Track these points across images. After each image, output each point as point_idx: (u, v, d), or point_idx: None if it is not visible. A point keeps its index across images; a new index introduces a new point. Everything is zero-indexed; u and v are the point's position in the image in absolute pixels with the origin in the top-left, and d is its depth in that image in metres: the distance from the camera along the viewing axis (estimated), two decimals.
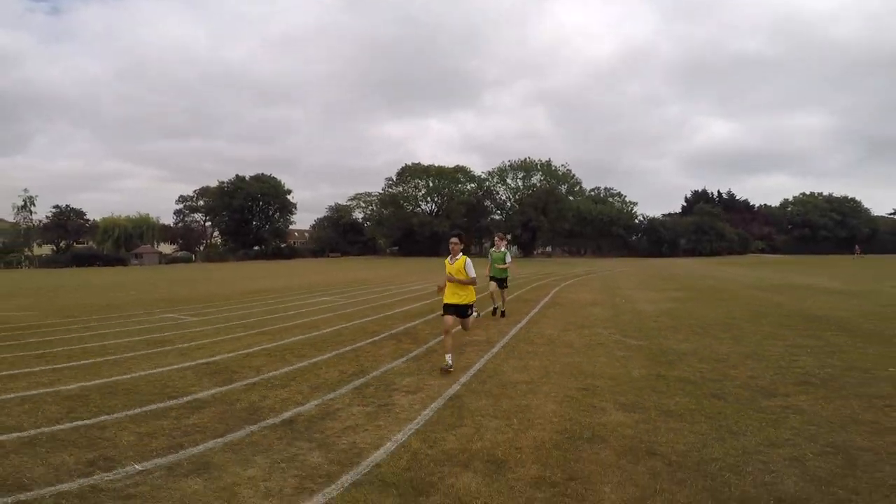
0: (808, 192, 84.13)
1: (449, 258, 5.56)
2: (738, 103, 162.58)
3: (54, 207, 48.14)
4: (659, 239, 64.67)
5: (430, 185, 71.38)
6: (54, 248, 49.61)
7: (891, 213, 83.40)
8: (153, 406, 4.01)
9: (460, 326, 5.74)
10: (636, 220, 71.82)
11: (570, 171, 68.57)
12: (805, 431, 3.33)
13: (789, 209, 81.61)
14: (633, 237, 69.58)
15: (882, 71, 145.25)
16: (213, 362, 5.63)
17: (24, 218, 49.97)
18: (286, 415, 3.81)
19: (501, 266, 8.95)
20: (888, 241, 74.39)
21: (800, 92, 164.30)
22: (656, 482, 2.66)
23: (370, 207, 73.79)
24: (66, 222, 47.56)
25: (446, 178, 70.34)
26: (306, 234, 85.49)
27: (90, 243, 60.51)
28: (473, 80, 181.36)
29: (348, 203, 75.26)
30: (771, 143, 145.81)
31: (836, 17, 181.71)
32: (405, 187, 72.24)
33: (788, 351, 5.80)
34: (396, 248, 73.27)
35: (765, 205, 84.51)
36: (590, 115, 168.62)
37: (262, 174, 62.46)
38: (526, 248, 65.74)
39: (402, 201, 67.77)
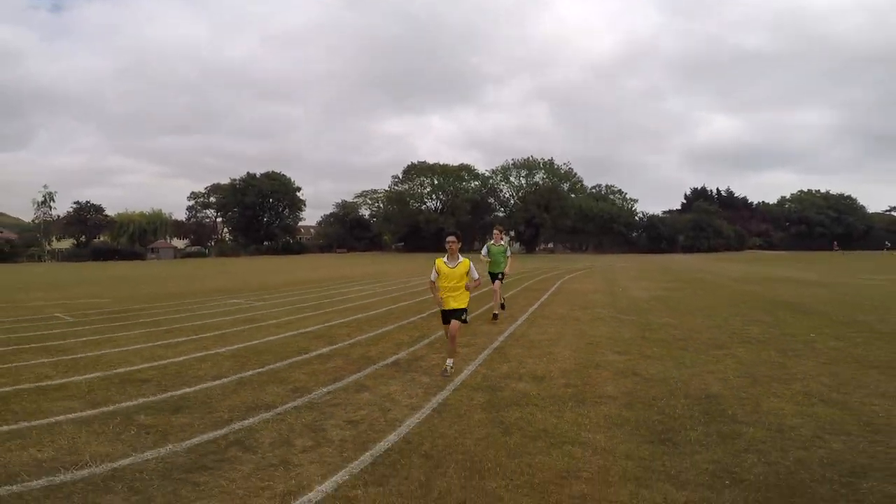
0: (805, 190, 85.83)
1: (446, 259, 5.17)
2: (740, 98, 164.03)
3: (75, 203, 50.13)
4: (658, 236, 66.45)
5: (436, 182, 73.17)
6: (74, 242, 51.50)
7: (887, 210, 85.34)
8: (297, 358, 5.81)
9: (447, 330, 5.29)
10: (636, 218, 73.62)
11: (572, 169, 70.33)
12: (733, 366, 5.15)
13: (787, 206, 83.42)
14: (634, 234, 71.34)
15: (882, 66, 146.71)
16: (310, 332, 7.45)
17: (44, 213, 51.93)
18: (390, 359, 5.63)
19: (500, 261, 8.42)
20: (884, 237, 76.13)
21: (801, 87, 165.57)
22: (636, 386, 4.48)
23: (377, 204, 75.66)
24: (86, 218, 49.45)
25: (451, 175, 72.10)
26: (311, 230, 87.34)
27: (102, 238, 62.45)
28: (474, 76, 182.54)
29: (355, 200, 77.13)
30: (772, 138, 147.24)
31: (836, 12, 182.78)
32: (411, 185, 74.08)
33: (745, 323, 7.62)
34: (402, 243, 75.14)
35: (763, 202, 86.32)
36: (590, 110, 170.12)
37: (273, 172, 64.47)
38: (529, 244, 67.56)
39: (408, 199, 69.57)
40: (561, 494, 2.57)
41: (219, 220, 66.79)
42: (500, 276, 8.40)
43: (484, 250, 8.59)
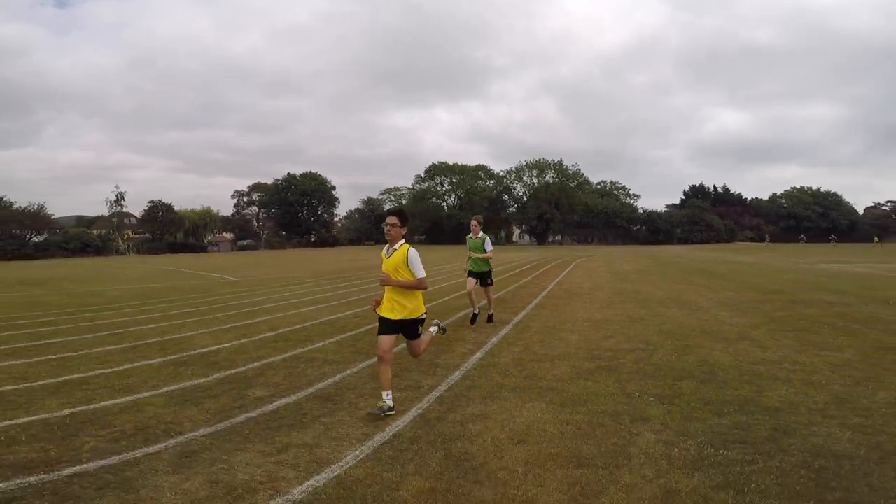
0: (797, 187, 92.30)
1: (385, 248, 3.94)
2: (748, 93, 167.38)
3: (150, 202, 57.90)
4: (657, 229, 73.38)
5: (454, 181, 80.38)
6: (150, 236, 59.36)
7: (870, 206, 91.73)
8: (462, 314, 13.08)
9: (408, 349, 4.08)
10: (638, 213, 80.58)
11: (580, 170, 77.33)
12: (659, 298, 12.36)
13: (779, 202, 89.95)
14: (635, 227, 78.29)
15: (891, 61, 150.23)
16: (433, 307, 14.71)
17: (118, 210, 59.65)
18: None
19: (480, 256, 7.47)
20: (870, 231, 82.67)
21: (809, 82, 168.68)
22: (626, 322, 11.72)
23: (401, 200, 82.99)
24: (158, 215, 57.14)
25: (469, 175, 79.28)
26: (339, 224, 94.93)
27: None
28: (481, 70, 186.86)
29: (380, 197, 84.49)
30: (781, 133, 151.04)
31: (845, 7, 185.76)
32: (432, 183, 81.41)
33: (690, 278, 14.80)
34: (423, 237, 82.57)
35: (756, 198, 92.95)
36: (598, 104, 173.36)
37: (311, 171, 72.06)
38: (540, 237, 74.84)
39: (430, 196, 76.83)
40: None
41: (263, 215, 74.50)
42: (488, 279, 7.53)
43: (468, 244, 7.62)
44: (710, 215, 72.66)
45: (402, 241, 3.87)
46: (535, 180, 75.47)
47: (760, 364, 4.83)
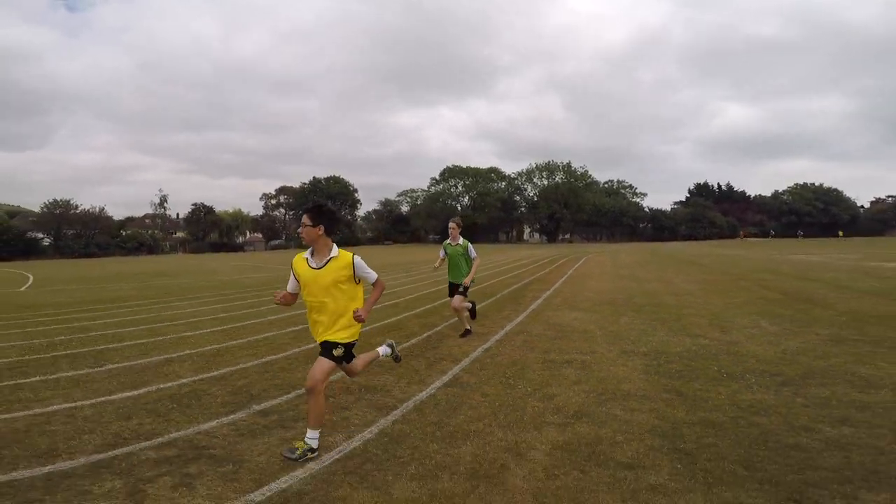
0: (800, 183, 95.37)
1: (307, 255, 3.08)
2: (755, 87, 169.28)
3: (193, 205, 63.18)
4: (661, 227, 77.11)
5: (467, 183, 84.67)
6: (193, 237, 64.55)
7: (872, 201, 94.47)
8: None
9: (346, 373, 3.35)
10: (644, 211, 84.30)
11: (588, 171, 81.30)
12: (647, 278, 16.60)
13: (781, 198, 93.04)
14: (641, 225, 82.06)
15: None
16: (489, 284, 19.04)
17: (162, 213, 64.92)
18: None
19: (461, 264, 6.41)
20: (870, 225, 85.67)
21: (817, 75, 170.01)
22: (621, 289, 15.99)
23: (416, 202, 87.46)
24: (200, 217, 62.29)
25: (481, 177, 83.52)
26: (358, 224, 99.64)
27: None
28: (485, 68, 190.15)
29: (397, 198, 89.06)
30: (790, 126, 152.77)
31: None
32: (445, 185, 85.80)
33: (678, 270, 19.00)
34: (438, 236, 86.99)
35: (759, 195, 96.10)
36: (603, 101, 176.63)
37: (335, 176, 76.97)
38: (551, 235, 78.93)
39: (446, 199, 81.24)
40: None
41: (289, 217, 79.52)
42: (460, 287, 6.36)
43: (441, 251, 6.60)
44: (712, 213, 76.24)
45: (335, 247, 3.04)
46: (544, 181, 79.57)
47: (689, 305, 9.03)
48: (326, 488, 2.60)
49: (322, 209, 3.09)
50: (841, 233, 70.55)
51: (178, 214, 68.16)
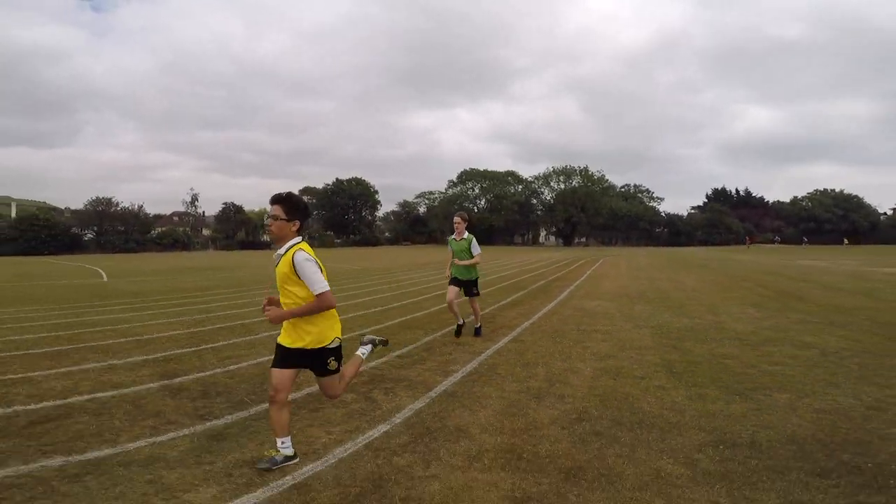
0: (820, 189, 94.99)
1: (275, 256, 2.77)
2: (779, 90, 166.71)
3: (223, 204, 66.33)
4: (678, 231, 77.89)
5: (484, 185, 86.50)
6: (224, 235, 67.75)
7: (894, 208, 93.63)
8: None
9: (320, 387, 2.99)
10: (660, 216, 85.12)
11: (605, 175, 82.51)
12: (659, 278, 18.29)
13: (801, 204, 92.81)
14: (657, 230, 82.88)
15: None
16: (517, 280, 20.90)
17: (193, 211, 68.23)
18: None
19: (465, 262, 6.29)
20: (890, 233, 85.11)
21: (844, 77, 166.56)
22: (635, 286, 17.73)
23: (434, 204, 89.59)
24: (230, 215, 65.38)
25: (498, 180, 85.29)
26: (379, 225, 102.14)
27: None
28: (502, 69, 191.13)
29: (415, 200, 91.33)
30: (815, 130, 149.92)
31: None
32: (462, 188, 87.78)
33: (688, 272, 20.64)
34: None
35: (777, 201, 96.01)
36: (621, 103, 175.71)
37: (356, 178, 79.44)
38: (567, 238, 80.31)
39: (463, 201, 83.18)
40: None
41: (312, 216, 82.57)
42: (474, 289, 6.35)
43: (449, 247, 6.51)
44: (729, 218, 76.73)
45: (296, 240, 2.69)
46: (562, 185, 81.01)
47: (692, 298, 10.78)
48: (470, 388, 4.54)
49: (299, 202, 2.76)
50: (846, 240, 70.63)
51: (203, 212, 72.00)
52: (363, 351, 3.41)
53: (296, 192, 3.00)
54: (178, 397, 4.20)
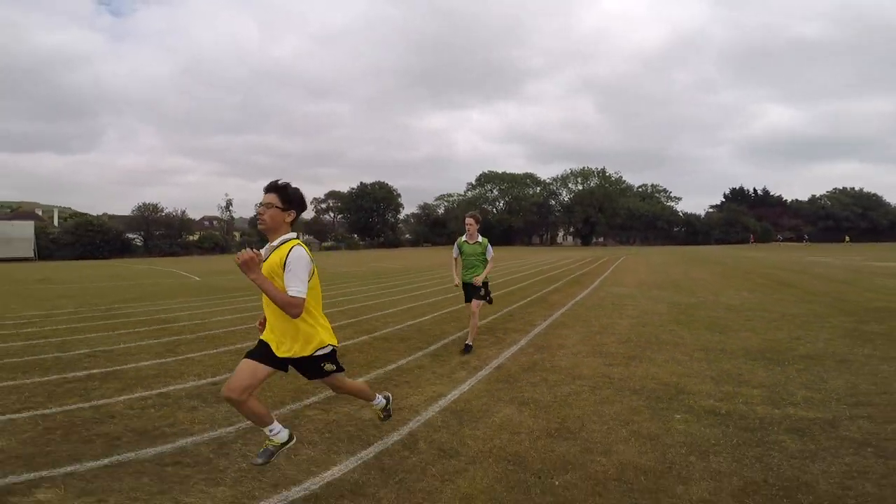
0: (839, 188, 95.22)
1: (264, 249, 2.54)
2: (800, 89, 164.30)
3: (256, 206, 70.00)
4: (695, 231, 79.32)
5: (502, 188, 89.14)
6: (258, 238, 71.87)
7: None
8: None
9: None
10: (678, 216, 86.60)
11: (622, 176, 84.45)
12: (674, 272, 20.73)
13: (819, 203, 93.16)
14: (675, 229, 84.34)
15: None
16: (550, 275, 23.53)
17: (228, 215, 72.40)
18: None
19: (477, 265, 5.87)
20: None
21: (865, 75, 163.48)
22: (653, 278, 20.23)
23: (454, 206, 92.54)
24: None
25: (517, 182, 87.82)
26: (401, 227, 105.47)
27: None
28: (516, 70, 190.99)
29: (434, 202, 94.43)
30: (837, 129, 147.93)
31: None
32: (481, 190, 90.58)
33: (702, 267, 23.02)
34: None
35: (796, 199, 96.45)
36: (638, 103, 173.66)
37: (380, 181, 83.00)
38: (585, 238, 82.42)
39: (482, 203, 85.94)
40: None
41: (338, 220, 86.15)
42: (481, 290, 5.84)
43: (455, 250, 6.07)
44: (746, 217, 77.92)
45: (290, 234, 2.53)
46: (579, 186, 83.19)
47: (700, 286, 13.27)
48: (554, 331, 7.26)
49: (296, 192, 2.56)
50: (847, 238, 71.28)
51: (232, 216, 76.01)
52: (378, 401, 3.12)
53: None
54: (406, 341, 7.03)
